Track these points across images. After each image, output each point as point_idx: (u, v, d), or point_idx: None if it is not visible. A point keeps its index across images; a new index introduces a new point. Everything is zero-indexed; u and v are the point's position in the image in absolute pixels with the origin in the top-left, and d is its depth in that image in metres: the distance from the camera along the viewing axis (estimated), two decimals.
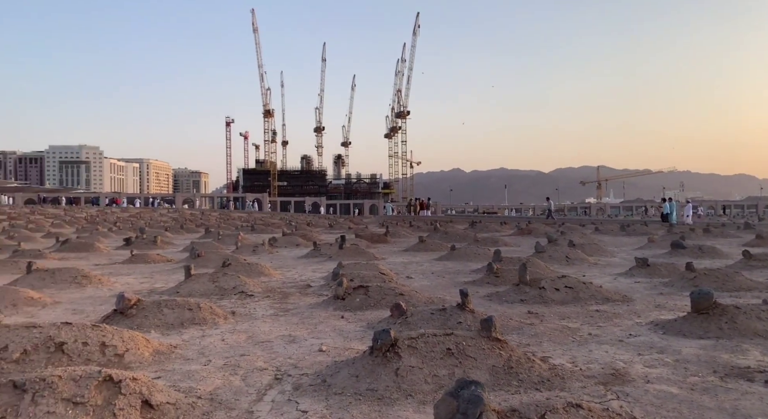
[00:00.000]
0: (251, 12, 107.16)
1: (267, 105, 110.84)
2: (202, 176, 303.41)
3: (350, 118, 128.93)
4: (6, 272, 10.62)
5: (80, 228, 26.68)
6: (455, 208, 72.92)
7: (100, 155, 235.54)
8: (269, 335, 5.44)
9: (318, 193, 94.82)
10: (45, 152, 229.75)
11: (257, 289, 8.23)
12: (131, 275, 10.66)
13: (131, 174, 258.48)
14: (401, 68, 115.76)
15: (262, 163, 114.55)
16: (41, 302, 7.36)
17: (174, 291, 8.07)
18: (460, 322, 5.22)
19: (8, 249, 15.25)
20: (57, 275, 9.12)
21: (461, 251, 12.98)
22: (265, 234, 22.81)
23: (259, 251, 15.02)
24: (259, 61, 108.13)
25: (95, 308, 7.15)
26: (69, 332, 4.44)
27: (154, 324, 5.75)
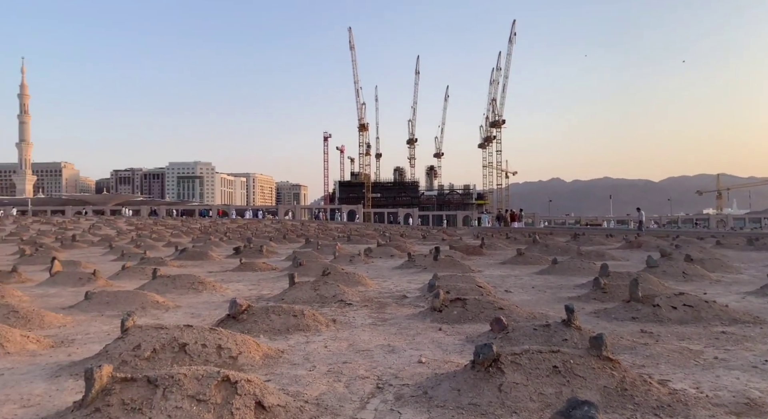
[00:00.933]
0: (348, 30, 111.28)
1: (362, 119, 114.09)
2: (302, 188, 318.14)
3: (443, 129, 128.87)
4: (135, 278, 11.81)
5: (195, 238, 29.02)
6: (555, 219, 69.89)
7: (213, 170, 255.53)
8: (369, 344, 5.54)
9: (410, 204, 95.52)
10: (166, 168, 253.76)
11: (355, 298, 8.43)
12: (241, 282, 11.39)
13: (239, 187, 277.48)
14: (496, 77, 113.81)
15: (356, 175, 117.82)
16: (165, 305, 8.09)
17: (279, 298, 8.49)
18: (565, 339, 4.97)
19: (136, 257, 16.93)
20: (177, 281, 9.98)
21: (564, 265, 12.40)
22: (360, 245, 23.36)
23: (355, 261, 15.39)
24: (355, 78, 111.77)
25: (210, 312, 7.72)
26: (190, 334, 4.83)
27: (262, 329, 6.08)
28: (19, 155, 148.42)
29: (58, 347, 5.48)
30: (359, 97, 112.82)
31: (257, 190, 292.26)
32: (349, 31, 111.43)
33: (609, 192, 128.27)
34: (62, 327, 6.63)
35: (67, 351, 5.30)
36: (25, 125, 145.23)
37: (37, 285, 10.75)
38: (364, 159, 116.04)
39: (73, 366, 4.60)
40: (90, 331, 6.39)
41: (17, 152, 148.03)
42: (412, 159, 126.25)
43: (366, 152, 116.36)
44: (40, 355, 5.09)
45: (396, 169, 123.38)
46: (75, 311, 7.62)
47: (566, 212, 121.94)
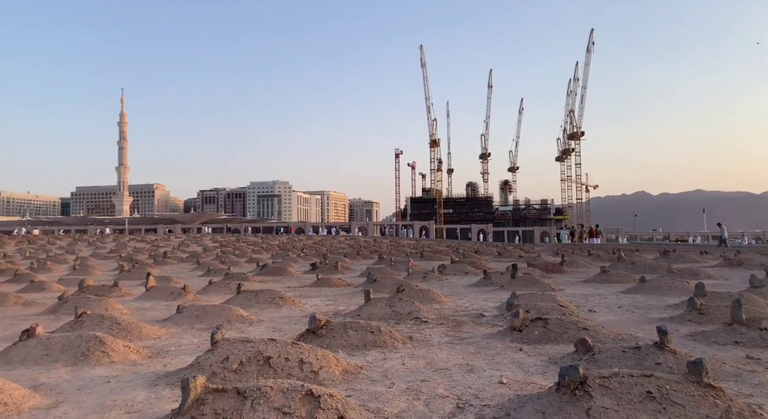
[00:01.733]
0: (420, 48, 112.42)
1: (433, 135, 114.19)
2: (374, 205, 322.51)
3: (517, 142, 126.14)
4: (221, 293, 12.44)
5: (274, 254, 30.15)
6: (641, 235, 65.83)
7: (290, 189, 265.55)
8: (447, 363, 5.47)
9: (484, 220, 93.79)
10: (247, 188, 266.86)
11: (431, 316, 8.38)
12: (318, 298, 11.67)
13: (314, 205, 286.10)
14: (573, 87, 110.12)
15: (428, 191, 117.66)
16: (248, 319, 8.45)
17: (356, 314, 8.61)
18: (658, 363, 4.65)
19: (221, 273, 17.85)
20: (259, 296, 10.40)
21: (653, 284, 11.64)
22: (433, 261, 23.21)
23: (429, 278, 15.31)
24: (427, 94, 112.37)
25: (291, 326, 7.97)
26: (274, 348, 5.01)
27: (341, 344, 6.19)
28: (118, 178, 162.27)
29: (155, 357, 5.87)
30: (430, 114, 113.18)
31: (331, 207, 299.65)
32: (420, 49, 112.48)
33: (702, 206, 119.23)
34: (158, 338, 7.10)
35: (163, 362, 5.66)
36: (124, 150, 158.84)
37: (135, 299, 11.60)
38: (435, 175, 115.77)
39: (169, 376, 4.90)
40: (182, 343, 6.79)
41: (116, 175, 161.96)
42: (485, 174, 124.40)
43: (437, 168, 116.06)
44: (140, 365, 5.48)
45: (469, 184, 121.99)
46: (168, 324, 8.14)
47: (653, 227, 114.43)
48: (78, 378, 4.90)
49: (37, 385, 4.60)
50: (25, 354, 5.52)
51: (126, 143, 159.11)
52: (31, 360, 5.42)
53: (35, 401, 4.12)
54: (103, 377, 4.93)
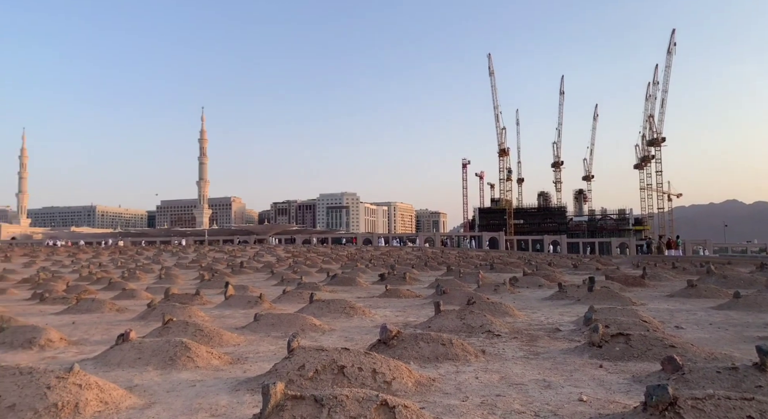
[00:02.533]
0: (488, 57, 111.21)
1: (502, 144, 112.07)
2: (441, 216, 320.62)
3: (592, 150, 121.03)
4: (294, 302, 12.82)
5: (344, 264, 30.70)
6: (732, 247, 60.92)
7: (357, 200, 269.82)
8: (522, 378, 5.32)
9: (557, 231, 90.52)
10: (317, 200, 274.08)
11: (504, 329, 8.18)
12: (387, 309, 11.73)
13: (381, 216, 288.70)
14: (653, 92, 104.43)
15: (497, 201, 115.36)
16: (321, 328, 8.64)
17: (426, 326, 8.57)
18: (759, 386, 4.28)
19: (293, 282, 18.40)
20: (331, 306, 10.61)
21: (749, 299, 10.73)
22: (504, 273, 22.69)
23: (500, 290, 14.97)
24: (495, 103, 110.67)
25: (362, 336, 8.06)
26: (348, 357, 5.09)
27: (412, 355, 6.18)
28: (198, 192, 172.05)
29: (235, 363, 6.13)
30: (499, 122, 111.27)
31: (398, 218, 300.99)
32: (488, 58, 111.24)
33: None
34: (237, 345, 7.41)
35: (243, 368, 5.90)
36: (204, 165, 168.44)
37: (215, 307, 12.19)
38: (504, 185, 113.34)
39: (249, 382, 5.11)
40: (260, 350, 7.06)
41: (197, 189, 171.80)
42: (557, 183, 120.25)
43: (507, 178, 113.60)
44: (222, 370, 5.75)
45: (540, 194, 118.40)
46: (246, 332, 8.48)
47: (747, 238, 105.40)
48: (167, 380, 5.21)
49: (131, 386, 4.94)
50: (121, 357, 5.96)
51: (206, 159, 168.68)
52: (126, 363, 5.84)
53: (131, 401, 4.43)
54: (189, 381, 5.21)
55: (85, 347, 7.40)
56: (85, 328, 9.18)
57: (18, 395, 4.00)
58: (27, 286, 18.81)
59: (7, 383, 4.11)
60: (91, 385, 4.34)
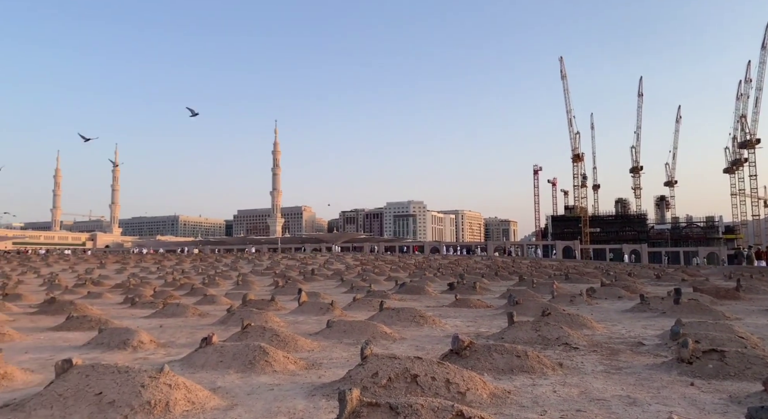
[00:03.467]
0: (560, 60, 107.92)
1: (576, 149, 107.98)
2: (511, 224, 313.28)
3: (675, 154, 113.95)
4: (364, 309, 12.97)
5: (411, 273, 30.69)
6: None
7: (424, 209, 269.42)
8: (604, 393, 5.06)
9: (637, 239, 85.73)
10: (384, 208, 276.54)
11: (582, 342, 7.84)
12: (457, 318, 11.59)
13: (448, 224, 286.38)
14: (745, 90, 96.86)
15: (571, 209, 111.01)
16: (392, 336, 8.67)
17: (499, 337, 8.38)
18: None
19: (363, 290, 18.61)
20: (401, 314, 10.63)
21: None
22: (580, 284, 21.76)
23: (576, 301, 14.37)
24: (568, 107, 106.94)
25: (433, 346, 8.01)
26: (420, 366, 5.08)
27: (486, 367, 6.06)
28: (272, 202, 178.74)
29: (310, 369, 6.29)
30: (572, 127, 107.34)
31: (466, 226, 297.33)
32: (560, 61, 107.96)
33: None
34: (311, 351, 7.60)
35: (318, 373, 6.04)
36: (277, 176, 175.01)
37: (289, 313, 12.57)
38: (579, 191, 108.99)
39: (324, 388, 5.22)
40: (333, 356, 7.19)
41: (270, 199, 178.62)
42: (637, 189, 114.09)
43: (581, 184, 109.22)
44: (297, 375, 5.91)
45: (618, 200, 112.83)
46: (319, 338, 8.68)
47: None
48: (247, 383, 5.43)
49: (215, 388, 5.19)
50: (204, 360, 6.28)
51: (279, 170, 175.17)
52: (209, 365, 6.15)
53: (215, 402, 4.65)
54: (268, 384, 5.40)
55: (172, 349, 7.87)
56: (171, 331, 9.76)
57: (117, 392, 4.32)
58: (119, 291, 20.30)
59: (108, 380, 4.45)
60: (180, 385, 4.61)
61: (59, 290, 20.01)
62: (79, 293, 18.79)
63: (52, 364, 6.58)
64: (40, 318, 12.11)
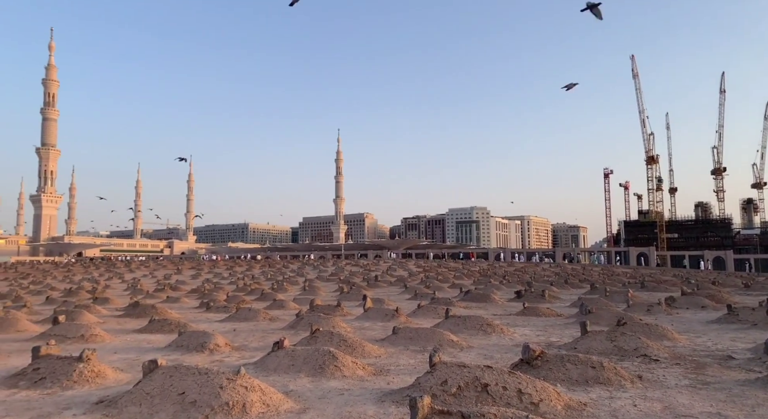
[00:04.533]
0: (631, 58, 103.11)
1: (650, 151, 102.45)
2: (580, 230, 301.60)
3: (763, 154, 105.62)
4: (429, 316, 12.90)
5: (476, 280, 30.20)
6: None
7: (488, 215, 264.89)
8: (691, 409, 4.75)
9: (721, 245, 79.97)
10: (446, 215, 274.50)
11: (662, 354, 7.40)
12: (526, 327, 11.27)
13: (514, 230, 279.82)
14: None
15: (646, 214, 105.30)
16: (459, 344, 8.57)
17: (571, 347, 8.07)
18: None
19: (426, 297, 18.52)
20: (467, 322, 10.48)
21: None
22: (657, 293, 20.58)
23: (654, 311, 13.58)
24: (640, 107, 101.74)
25: (501, 355, 7.83)
26: (491, 375, 4.98)
27: (558, 377, 5.85)
28: (335, 209, 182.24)
29: (378, 375, 6.33)
30: (646, 128, 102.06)
31: (532, 232, 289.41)
32: (631, 59, 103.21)
33: None
34: (378, 357, 7.65)
35: (386, 380, 6.07)
36: (340, 183, 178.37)
37: (355, 319, 12.72)
38: (654, 195, 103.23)
39: (393, 394, 5.23)
40: (400, 363, 7.20)
41: (334, 206, 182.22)
42: (719, 192, 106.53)
43: (657, 187, 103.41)
44: (366, 381, 5.97)
45: (698, 204, 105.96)
46: (386, 344, 8.71)
47: None
48: (318, 387, 5.55)
49: (287, 391, 5.34)
50: (276, 363, 6.48)
51: (341, 177, 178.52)
52: (281, 369, 6.33)
53: (288, 405, 4.79)
54: (338, 389, 5.49)
55: (245, 352, 8.17)
56: (244, 335, 10.15)
57: (198, 392, 4.54)
58: (195, 296, 21.36)
59: (189, 381, 4.69)
60: (255, 388, 4.78)
61: (141, 295, 21.36)
62: (159, 298, 19.95)
63: (138, 364, 7.02)
64: (126, 321, 12.97)
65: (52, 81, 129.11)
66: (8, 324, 11.14)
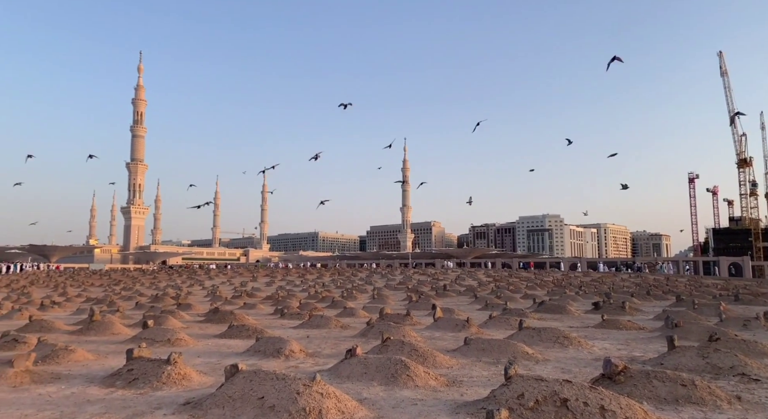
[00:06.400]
0: (718, 55, 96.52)
1: (742, 153, 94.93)
2: (663, 238, 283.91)
3: None
4: (501, 327, 12.59)
5: (550, 291, 29.14)
6: None
7: (561, 223, 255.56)
8: None
9: None
10: (516, 223, 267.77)
11: (763, 373, 6.78)
12: (606, 340, 10.72)
13: (589, 239, 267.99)
14: None
15: (738, 220, 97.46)
16: (534, 357, 8.29)
17: (657, 363, 7.58)
18: None
19: (498, 307, 18.09)
20: (542, 334, 10.12)
21: None
22: (754, 306, 18.92)
23: (752, 326, 12.47)
24: (730, 106, 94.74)
25: (580, 369, 7.49)
26: (570, 390, 4.78)
27: (644, 395, 5.51)
28: (402, 218, 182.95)
29: (451, 386, 6.24)
30: (737, 128, 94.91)
31: (609, 241, 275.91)
32: (719, 56, 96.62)
33: None
34: (450, 367, 7.55)
35: (459, 391, 5.97)
36: (406, 192, 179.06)
37: (425, 328, 12.65)
38: (748, 200, 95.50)
39: (467, 406, 5.14)
40: (473, 374, 7.07)
41: (400, 215, 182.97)
42: None
43: (750, 192, 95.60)
44: (439, 391, 5.91)
45: None
46: (457, 355, 8.59)
47: None
48: (391, 396, 5.55)
49: (361, 399, 5.38)
50: (350, 371, 6.56)
51: (408, 186, 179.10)
52: (354, 376, 6.40)
53: (362, 413, 4.83)
54: (411, 399, 5.47)
55: (319, 359, 8.35)
56: (317, 342, 10.37)
57: (276, 397, 4.69)
58: (269, 302, 22.13)
59: (268, 386, 4.86)
60: (330, 395, 4.86)
61: (220, 301, 22.41)
62: (237, 304, 20.84)
63: (219, 368, 7.36)
64: (207, 326, 13.65)
65: (141, 100, 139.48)
66: (105, 328, 12.06)
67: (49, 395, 5.89)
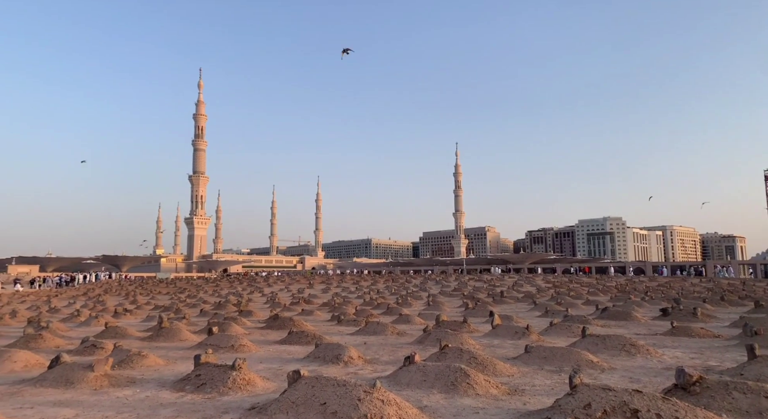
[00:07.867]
0: None
1: None
2: (737, 240, 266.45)
3: None
4: (562, 335, 12.20)
5: (613, 297, 27.97)
6: None
7: (623, 226, 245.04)
8: None
9: None
10: (575, 226, 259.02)
11: None
12: (677, 349, 10.17)
13: (654, 242, 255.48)
14: None
15: None
16: (599, 366, 7.98)
17: (736, 373, 7.11)
18: None
19: (559, 314, 17.54)
20: (607, 342, 9.73)
21: None
22: None
23: None
24: None
25: (650, 378, 7.15)
26: (641, 400, 4.56)
27: (723, 407, 5.18)
28: (455, 223, 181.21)
29: (512, 394, 6.11)
30: None
31: (676, 244, 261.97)
32: None
33: None
34: (511, 376, 7.39)
35: (521, 400, 5.84)
36: (459, 197, 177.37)
37: (483, 336, 12.45)
38: None
39: (531, 415, 5.01)
40: (535, 383, 6.89)
41: (453, 220, 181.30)
42: None
43: None
44: (501, 400, 5.79)
45: None
46: (518, 363, 8.40)
47: None
48: (452, 404, 5.50)
49: (422, 407, 5.37)
50: (409, 378, 6.56)
51: (461, 191, 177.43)
52: (413, 384, 6.39)
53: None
54: (472, 407, 5.40)
55: (377, 365, 8.39)
56: (375, 348, 10.43)
57: (337, 403, 4.75)
58: (326, 309, 22.46)
59: (329, 392, 4.93)
60: (390, 402, 4.87)
61: (279, 308, 22.97)
62: (295, 311, 21.29)
63: (281, 373, 7.55)
64: (268, 332, 14.02)
65: (201, 115, 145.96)
66: (173, 334, 12.64)
67: (126, 398, 6.24)
